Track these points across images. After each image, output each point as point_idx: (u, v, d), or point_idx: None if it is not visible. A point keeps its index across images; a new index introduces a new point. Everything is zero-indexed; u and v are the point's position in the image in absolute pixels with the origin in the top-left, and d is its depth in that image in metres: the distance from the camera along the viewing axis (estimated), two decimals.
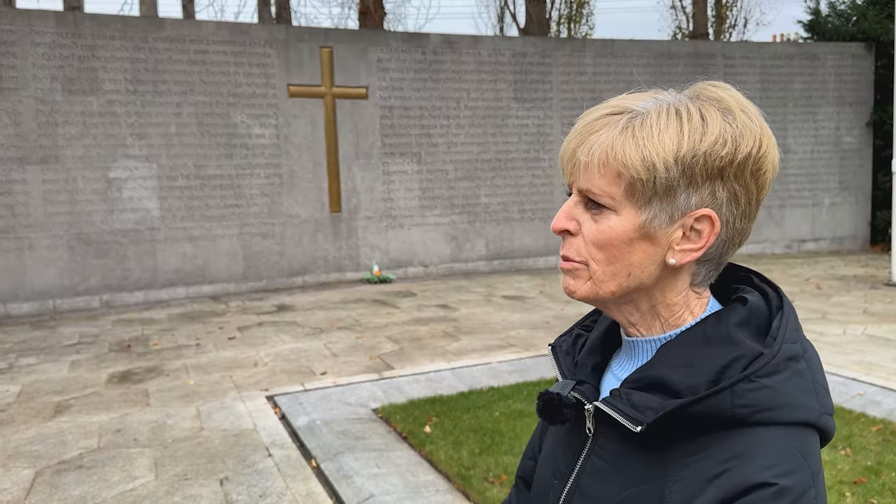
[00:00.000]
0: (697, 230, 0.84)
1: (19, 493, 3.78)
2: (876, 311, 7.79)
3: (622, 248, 0.84)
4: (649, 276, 0.86)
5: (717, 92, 0.86)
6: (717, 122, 0.82)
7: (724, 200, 0.83)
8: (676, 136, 0.81)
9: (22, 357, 6.65)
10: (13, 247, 8.94)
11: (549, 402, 0.91)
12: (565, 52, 11.84)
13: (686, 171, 0.81)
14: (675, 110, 0.82)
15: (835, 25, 14.11)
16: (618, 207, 0.83)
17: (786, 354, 0.81)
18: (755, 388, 0.79)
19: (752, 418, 0.78)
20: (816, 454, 0.81)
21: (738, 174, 0.83)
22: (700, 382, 0.81)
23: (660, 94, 0.87)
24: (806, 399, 0.81)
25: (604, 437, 0.89)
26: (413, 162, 11.06)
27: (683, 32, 24.56)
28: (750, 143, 0.83)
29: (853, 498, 3.51)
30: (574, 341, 1.02)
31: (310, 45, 10.38)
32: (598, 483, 0.88)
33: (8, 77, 8.82)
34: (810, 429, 0.81)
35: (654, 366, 0.86)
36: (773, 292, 0.90)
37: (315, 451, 4.23)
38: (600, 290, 0.87)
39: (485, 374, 5.70)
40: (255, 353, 6.53)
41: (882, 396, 4.92)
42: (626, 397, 0.84)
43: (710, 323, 0.86)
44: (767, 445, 0.78)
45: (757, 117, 0.85)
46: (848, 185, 13.39)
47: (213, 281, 9.98)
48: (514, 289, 9.81)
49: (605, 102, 0.88)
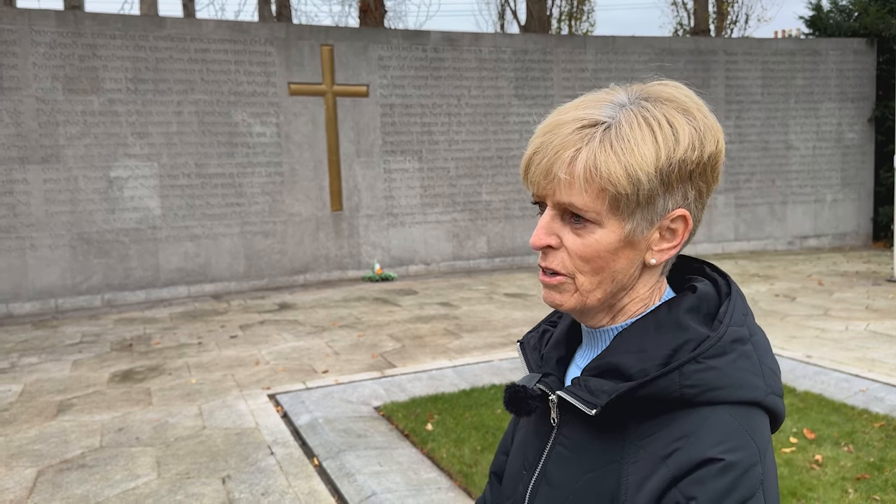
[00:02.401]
0: (672, 229, 0.88)
1: (22, 493, 3.79)
2: (878, 308, 7.78)
3: (607, 259, 0.87)
4: (630, 277, 0.90)
5: (670, 92, 0.87)
6: (685, 127, 0.84)
7: (692, 199, 0.87)
8: (653, 147, 0.83)
9: (24, 356, 6.66)
10: (15, 246, 8.95)
11: (515, 394, 0.94)
12: (566, 49, 11.82)
13: (664, 179, 0.84)
14: (644, 119, 0.84)
15: (836, 21, 14.08)
16: (602, 221, 0.85)
17: (732, 337, 0.85)
18: (702, 370, 0.82)
19: (699, 398, 0.82)
20: (764, 433, 0.84)
21: (703, 173, 0.87)
22: (651, 366, 0.84)
23: (613, 95, 0.87)
24: (752, 379, 0.84)
25: (567, 426, 0.92)
26: (414, 160, 11.05)
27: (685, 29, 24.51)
28: (712, 142, 0.86)
29: (856, 494, 3.50)
30: (541, 336, 1.06)
31: (310, 43, 10.37)
32: (561, 471, 0.91)
33: (9, 76, 8.82)
34: (757, 408, 0.85)
35: (609, 353, 0.89)
36: (722, 280, 0.94)
37: (317, 450, 4.23)
38: (588, 300, 0.89)
39: (486, 372, 5.70)
40: (257, 352, 6.53)
41: (885, 393, 4.91)
42: (584, 384, 0.88)
43: (662, 310, 0.89)
44: (715, 424, 0.81)
45: (710, 114, 0.87)
46: (850, 181, 13.36)
47: (214, 280, 9.98)
48: (516, 286, 9.80)
49: (564, 113, 0.87)
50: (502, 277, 10.64)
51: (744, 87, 12.65)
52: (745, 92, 12.66)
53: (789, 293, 8.75)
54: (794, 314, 7.57)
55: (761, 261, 11.60)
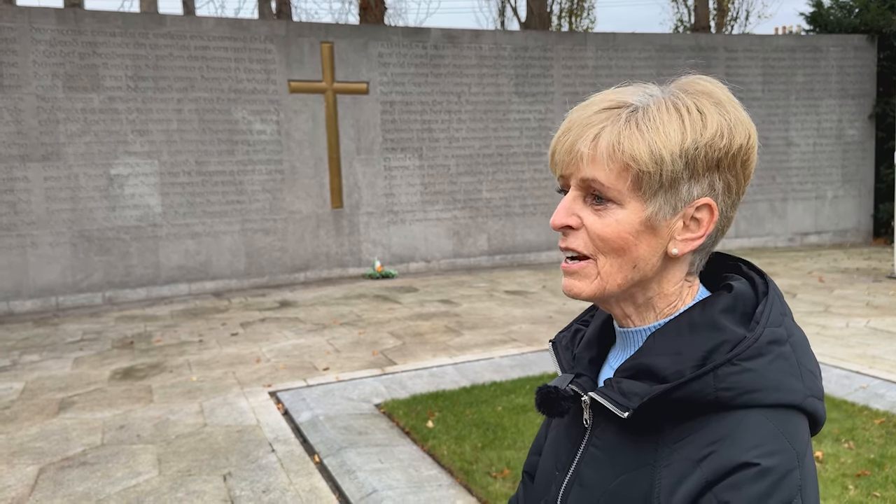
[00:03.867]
0: (697, 219, 0.86)
1: (23, 490, 3.79)
2: (879, 304, 7.78)
3: (629, 241, 0.85)
4: (652, 267, 0.87)
5: (705, 85, 0.87)
6: (714, 115, 0.84)
7: (720, 190, 0.86)
8: (680, 129, 0.83)
9: (25, 354, 6.66)
10: (16, 244, 8.95)
11: (547, 395, 0.93)
12: (566, 45, 11.80)
13: (689, 163, 0.83)
14: (673, 104, 0.84)
15: (837, 17, 14.06)
16: (623, 201, 0.84)
17: (769, 338, 0.83)
18: (738, 372, 0.80)
19: (735, 401, 0.80)
20: (803, 436, 0.82)
21: (732, 165, 0.86)
22: (685, 368, 0.83)
23: (647, 88, 0.88)
24: (790, 382, 0.82)
25: (600, 427, 0.91)
26: (414, 157, 11.04)
27: (685, 25, 24.48)
28: (742, 134, 0.85)
29: (856, 491, 3.51)
30: (573, 336, 1.04)
31: (310, 40, 10.36)
32: (594, 472, 0.90)
33: (9, 74, 8.82)
34: (795, 411, 0.82)
35: (642, 354, 0.87)
36: (759, 279, 0.92)
37: (318, 447, 4.24)
38: (608, 284, 0.88)
39: (487, 369, 5.70)
40: (258, 349, 6.54)
41: (885, 389, 4.91)
42: (617, 386, 0.87)
43: (697, 310, 0.87)
44: (751, 427, 0.79)
45: (743, 111, 0.87)
46: (850, 177, 13.35)
47: (215, 277, 9.98)
48: (517, 284, 9.80)
49: (595, 98, 0.89)
50: (503, 275, 10.64)
51: (744, 83, 12.63)
52: (745, 89, 12.64)
53: (790, 290, 8.75)
54: (794, 311, 7.55)
55: (762, 258, 11.60)
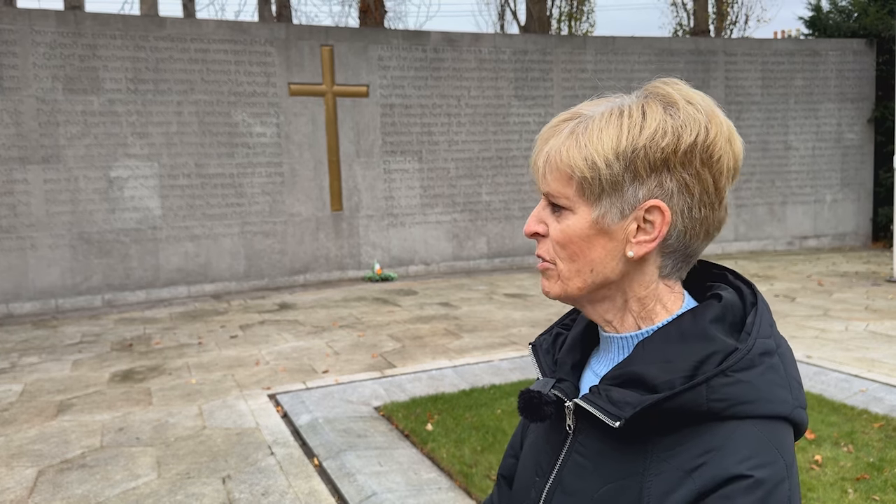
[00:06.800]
0: (650, 221, 0.86)
1: (22, 493, 3.79)
2: (878, 308, 7.78)
3: (581, 245, 0.88)
4: (612, 270, 0.88)
5: (663, 88, 0.88)
6: (658, 115, 0.84)
7: (673, 191, 0.85)
8: (615, 133, 0.84)
9: (24, 356, 6.66)
10: (15, 246, 8.95)
11: (530, 400, 0.93)
12: (566, 49, 11.82)
13: (629, 165, 0.84)
14: (619, 110, 0.86)
15: (836, 22, 14.09)
16: (573, 207, 0.88)
17: (760, 349, 0.83)
18: (730, 383, 0.80)
19: (727, 412, 0.80)
20: (790, 447, 0.83)
21: (686, 163, 0.84)
22: (676, 378, 0.83)
23: (620, 97, 0.90)
24: (780, 393, 0.83)
25: (584, 434, 0.90)
26: (414, 160, 11.05)
27: (684, 29, 24.52)
28: (693, 131, 0.84)
29: (856, 495, 3.51)
30: (554, 340, 1.04)
31: (310, 43, 10.38)
32: (578, 479, 0.89)
33: (9, 77, 8.82)
34: (784, 422, 0.83)
35: (632, 362, 0.87)
36: (747, 289, 0.92)
37: (317, 450, 4.23)
38: (568, 287, 0.90)
39: (486, 372, 5.70)
40: (257, 352, 6.54)
41: (884, 393, 4.91)
42: (605, 394, 0.86)
43: (686, 320, 0.87)
44: (743, 439, 0.79)
45: (705, 107, 0.86)
46: (849, 181, 13.37)
47: (214, 280, 9.98)
48: (516, 287, 9.81)
49: (561, 114, 0.93)
50: (502, 278, 10.65)
51: (743, 87, 12.66)
52: (744, 92, 12.67)
53: (789, 293, 8.76)
54: (793, 314, 7.57)
55: (761, 261, 11.61)
